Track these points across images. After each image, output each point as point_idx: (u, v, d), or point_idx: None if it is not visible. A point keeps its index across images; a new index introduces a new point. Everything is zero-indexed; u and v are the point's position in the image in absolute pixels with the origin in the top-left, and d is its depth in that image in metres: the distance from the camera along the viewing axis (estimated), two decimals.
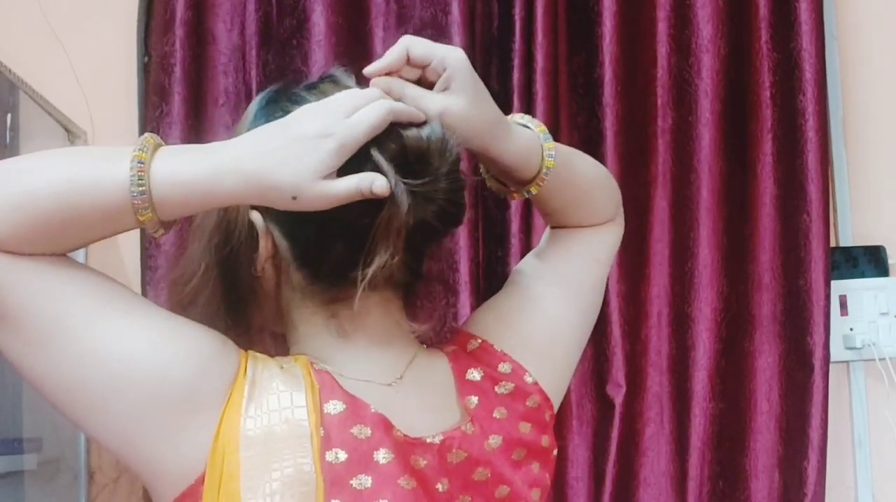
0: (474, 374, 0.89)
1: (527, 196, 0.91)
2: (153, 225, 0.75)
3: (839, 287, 1.86)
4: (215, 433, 0.75)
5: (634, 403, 1.79)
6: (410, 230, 0.79)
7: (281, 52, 1.80)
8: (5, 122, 1.51)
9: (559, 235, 1.00)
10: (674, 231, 1.82)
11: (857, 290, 1.88)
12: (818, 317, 1.78)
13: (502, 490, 0.86)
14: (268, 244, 0.84)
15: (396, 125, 0.78)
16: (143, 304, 0.78)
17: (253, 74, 1.79)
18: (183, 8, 1.78)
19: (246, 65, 1.80)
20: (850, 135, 1.95)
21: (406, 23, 1.81)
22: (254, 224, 0.84)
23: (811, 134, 1.80)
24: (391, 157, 0.77)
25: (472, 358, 0.91)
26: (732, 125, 1.84)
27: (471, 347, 0.92)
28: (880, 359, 1.85)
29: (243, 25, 1.81)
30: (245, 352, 0.81)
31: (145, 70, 1.82)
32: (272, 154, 0.74)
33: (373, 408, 0.80)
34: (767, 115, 1.82)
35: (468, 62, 0.83)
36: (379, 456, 0.78)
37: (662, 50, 1.84)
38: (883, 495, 1.89)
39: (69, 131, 1.75)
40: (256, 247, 0.84)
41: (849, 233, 1.92)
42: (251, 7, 1.80)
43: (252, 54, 1.79)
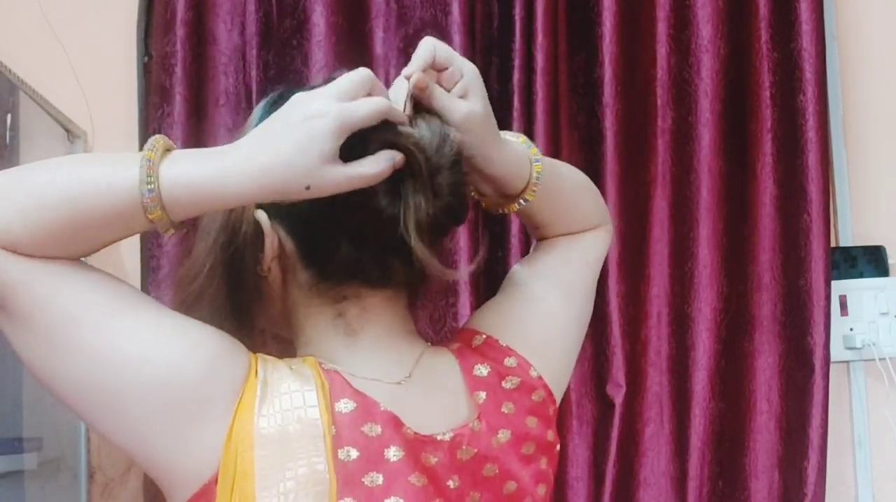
0: (481, 370, 0.90)
1: (523, 204, 0.92)
2: (164, 224, 0.75)
3: (839, 287, 1.86)
4: (228, 432, 0.75)
5: (634, 403, 1.79)
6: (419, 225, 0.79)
7: (281, 52, 1.79)
8: (5, 122, 1.51)
9: (550, 242, 1.01)
10: (673, 231, 1.82)
11: (857, 290, 1.88)
12: (818, 317, 1.78)
13: (510, 485, 0.86)
14: (274, 243, 0.84)
15: (388, 122, 0.79)
16: (153, 306, 0.79)
17: (253, 75, 1.78)
18: (183, 8, 1.77)
19: (246, 65, 1.80)
20: (850, 135, 1.95)
21: (406, 23, 1.80)
22: (259, 223, 0.84)
23: (811, 134, 1.79)
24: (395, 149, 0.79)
25: (478, 353, 0.92)
26: (732, 125, 1.84)
27: (476, 343, 0.93)
28: (880, 359, 1.85)
29: (244, 25, 1.81)
30: (254, 354, 0.81)
31: (146, 70, 1.82)
32: (275, 147, 0.74)
33: (382, 406, 0.80)
34: (767, 114, 1.82)
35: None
36: (389, 454, 0.78)
37: (662, 50, 1.84)
38: (883, 495, 1.89)
39: (69, 131, 1.75)
40: (262, 247, 0.84)
41: (849, 233, 1.92)
42: (251, 7, 1.80)
43: (252, 54, 1.79)
